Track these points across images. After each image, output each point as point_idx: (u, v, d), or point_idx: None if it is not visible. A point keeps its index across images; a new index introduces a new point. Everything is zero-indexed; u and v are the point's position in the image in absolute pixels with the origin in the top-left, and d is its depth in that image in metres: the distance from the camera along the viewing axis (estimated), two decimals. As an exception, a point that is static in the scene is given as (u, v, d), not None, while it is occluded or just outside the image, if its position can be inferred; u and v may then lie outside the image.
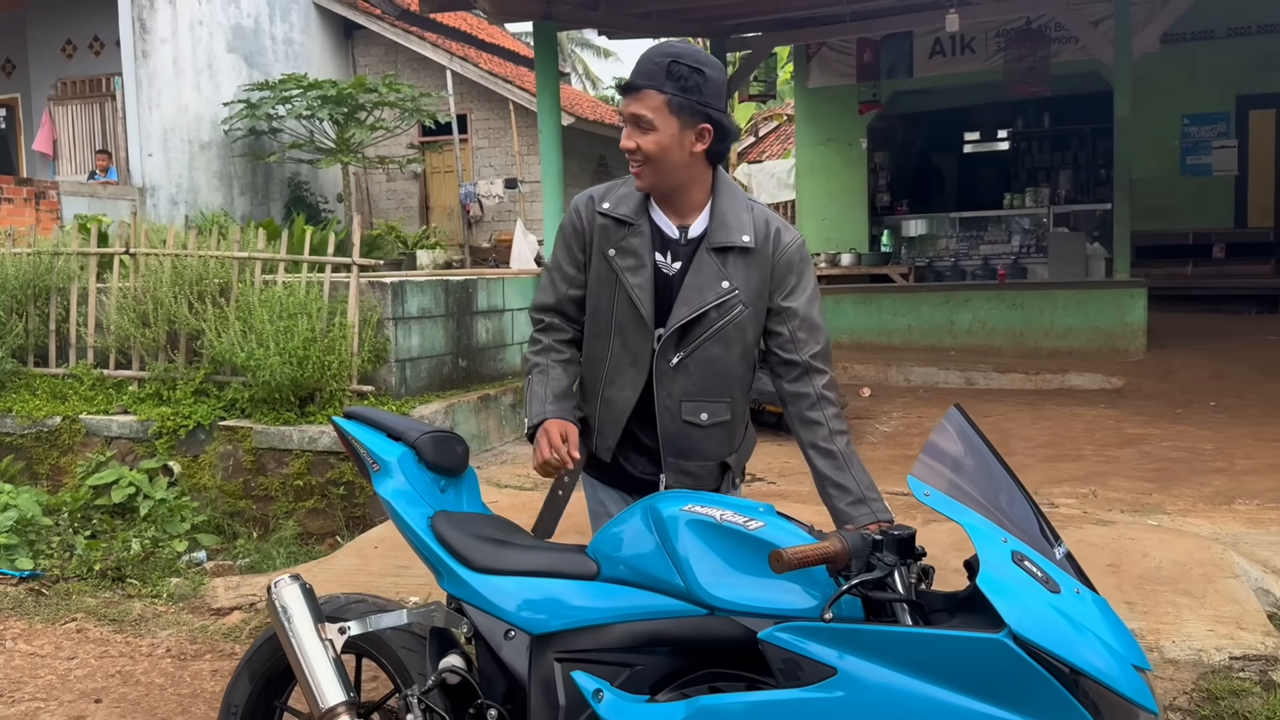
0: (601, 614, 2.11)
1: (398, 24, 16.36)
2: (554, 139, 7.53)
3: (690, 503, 2.09)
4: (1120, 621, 1.84)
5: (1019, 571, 1.73)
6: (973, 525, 1.79)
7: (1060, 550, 1.88)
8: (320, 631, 2.24)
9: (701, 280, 2.30)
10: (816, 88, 13.39)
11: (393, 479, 2.50)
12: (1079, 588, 1.78)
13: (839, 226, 13.45)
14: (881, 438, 7.15)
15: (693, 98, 2.21)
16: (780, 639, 1.81)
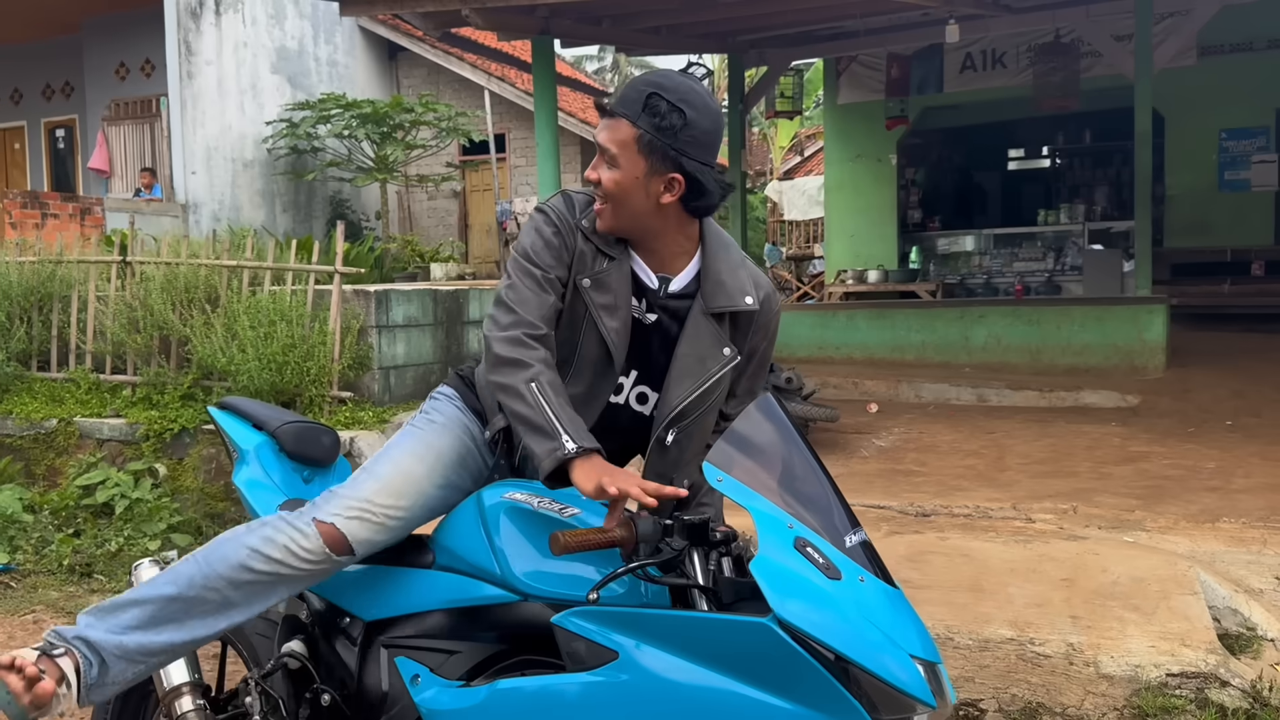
0: (428, 601, 2.14)
1: (438, 46, 16.65)
2: (551, 152, 7.61)
3: (512, 490, 2.10)
4: (911, 613, 1.82)
5: (798, 557, 1.73)
6: (758, 511, 1.78)
7: (855, 538, 1.86)
8: None
9: (702, 349, 2.09)
10: (846, 104, 13.34)
11: (247, 468, 2.52)
12: (864, 575, 1.77)
13: (867, 243, 13.34)
14: (875, 452, 7.06)
15: (666, 140, 1.96)
16: (569, 623, 1.83)
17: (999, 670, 3.64)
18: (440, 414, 2.24)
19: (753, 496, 1.80)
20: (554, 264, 2.06)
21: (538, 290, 2.05)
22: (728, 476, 1.82)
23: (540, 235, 2.09)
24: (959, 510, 5.48)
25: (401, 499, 2.11)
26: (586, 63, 39.26)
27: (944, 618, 3.96)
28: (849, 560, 1.77)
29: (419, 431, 2.22)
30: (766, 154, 22.69)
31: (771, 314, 2.21)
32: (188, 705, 2.28)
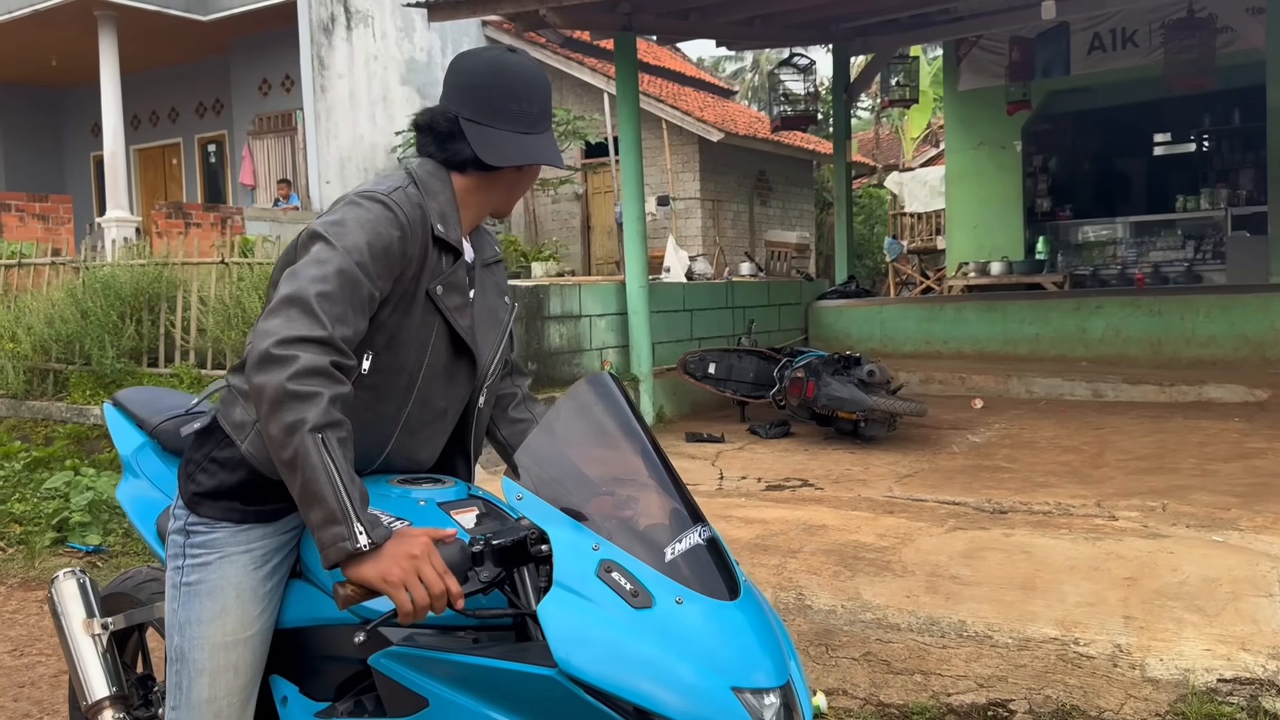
0: (295, 616, 1.94)
1: (560, 51, 16.92)
2: (632, 147, 7.62)
3: None
4: (752, 626, 1.57)
5: (599, 588, 1.51)
6: (558, 535, 1.56)
7: (687, 542, 1.59)
8: (87, 627, 2.33)
9: (491, 300, 2.00)
10: (967, 90, 12.89)
11: (128, 479, 2.36)
12: (682, 595, 1.53)
13: (991, 234, 12.84)
14: (966, 448, 6.79)
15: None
16: (381, 665, 1.67)
17: (1035, 670, 3.46)
18: (206, 549, 1.84)
19: (553, 517, 1.58)
20: (383, 277, 1.73)
21: (360, 310, 1.69)
22: (527, 494, 1.59)
23: (380, 237, 1.72)
24: (1038, 507, 5.22)
25: (239, 673, 1.84)
26: (726, 63, 39.25)
27: (987, 615, 3.79)
28: (666, 579, 1.54)
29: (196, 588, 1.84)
30: (898, 146, 22.14)
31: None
32: (109, 719, 2.30)
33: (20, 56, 16.81)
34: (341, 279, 1.66)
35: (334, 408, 1.58)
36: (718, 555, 1.63)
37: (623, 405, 1.72)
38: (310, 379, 1.56)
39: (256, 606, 1.84)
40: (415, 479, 1.90)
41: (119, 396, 2.50)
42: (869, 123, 25.94)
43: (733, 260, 15.03)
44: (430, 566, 1.54)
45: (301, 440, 1.54)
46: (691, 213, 16.52)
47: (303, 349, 1.58)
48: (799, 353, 7.51)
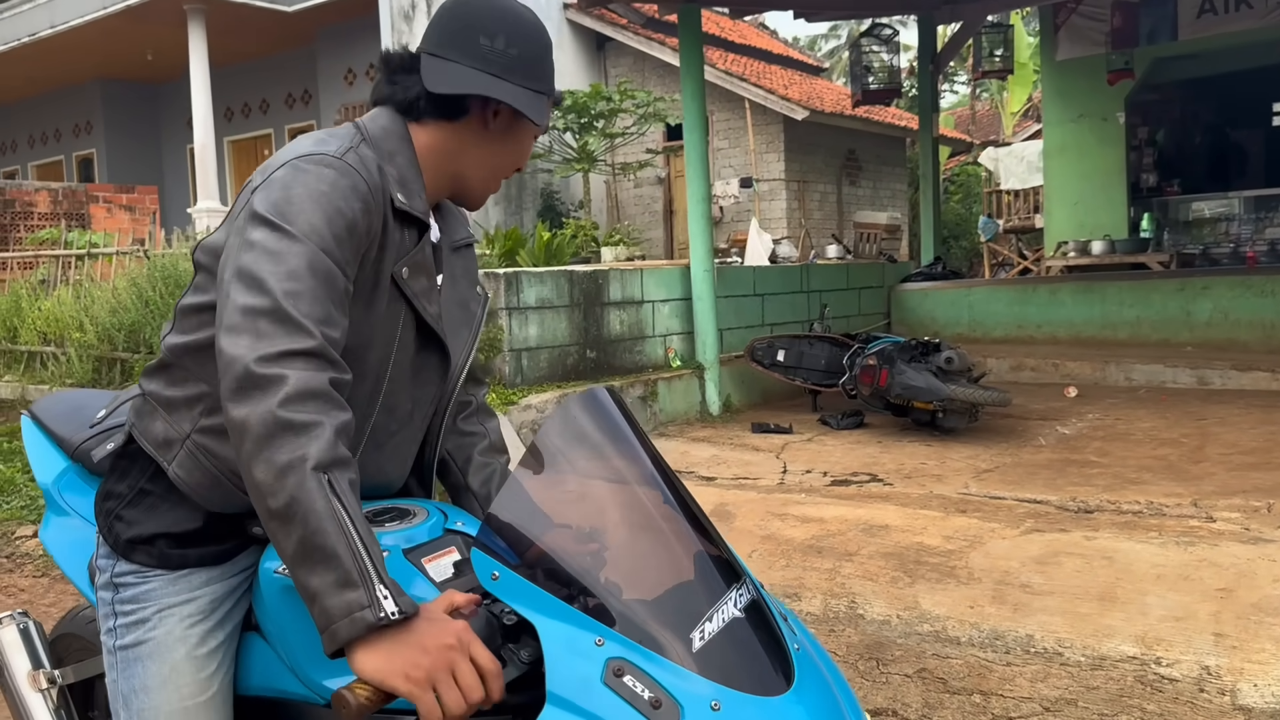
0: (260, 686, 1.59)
1: (642, 33, 16.65)
2: (697, 124, 7.31)
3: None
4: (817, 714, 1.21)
5: (609, 699, 1.15)
6: (551, 633, 1.19)
7: (720, 619, 1.22)
8: (33, 682, 2.05)
9: (462, 291, 1.68)
10: (1065, 60, 12.19)
11: (50, 520, 1.99)
12: (719, 699, 1.15)
13: (1092, 211, 12.14)
14: (1055, 440, 6.34)
15: None
16: None
17: (1109, 693, 3.09)
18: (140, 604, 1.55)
19: (542, 603, 1.19)
20: (350, 264, 1.40)
21: (341, 308, 1.36)
22: (506, 572, 1.20)
23: (341, 213, 1.38)
24: (1127, 506, 4.79)
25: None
26: (821, 42, 38.42)
27: (1058, 629, 3.44)
28: (696, 677, 1.16)
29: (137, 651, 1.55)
30: (997, 121, 21.27)
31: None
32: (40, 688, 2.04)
33: (118, 53, 17.29)
34: (313, 274, 1.31)
35: (340, 440, 1.25)
36: (762, 627, 1.25)
37: (627, 432, 1.34)
38: (306, 404, 1.23)
39: (211, 664, 1.53)
40: (377, 514, 1.49)
41: (36, 408, 2.07)
42: (966, 98, 25.03)
43: (819, 243, 14.58)
44: (467, 663, 1.17)
45: (301, 483, 1.19)
46: (776, 194, 16.10)
47: (291, 366, 1.24)
48: (874, 339, 7.12)
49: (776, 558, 4.21)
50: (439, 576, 1.38)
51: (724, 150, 16.58)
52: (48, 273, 8.53)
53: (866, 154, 17.95)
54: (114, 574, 1.56)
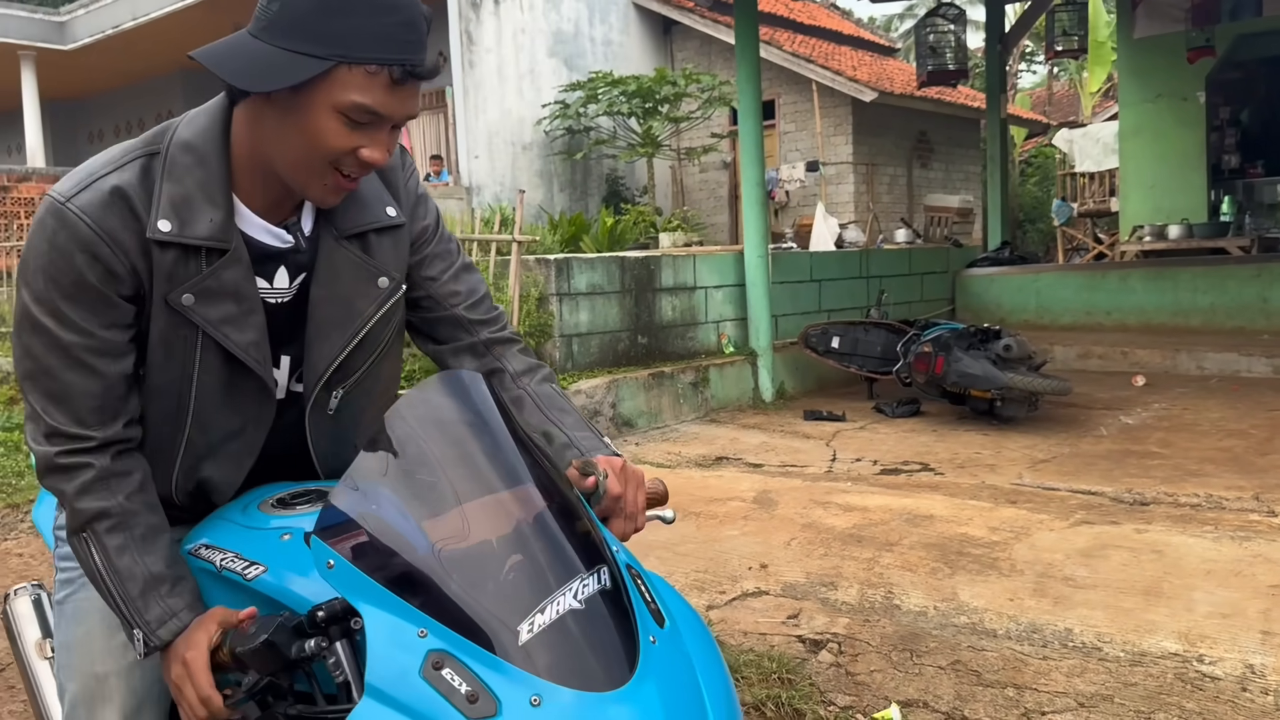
0: None
1: (708, 15, 16.55)
2: (752, 111, 7.25)
3: (203, 538, 1.53)
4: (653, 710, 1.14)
5: (425, 691, 1.12)
6: (373, 621, 1.17)
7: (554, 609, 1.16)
8: (40, 650, 2.12)
9: (344, 288, 1.51)
10: (1143, 38, 11.81)
11: (42, 498, 2.04)
12: (539, 694, 1.11)
13: (1169, 194, 11.76)
14: (1117, 430, 6.18)
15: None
16: None
17: (1147, 690, 3.02)
18: (70, 563, 1.60)
19: (369, 592, 1.18)
20: (106, 310, 1.37)
21: (87, 374, 1.38)
22: (340, 560, 1.20)
23: (63, 271, 1.34)
24: (1185, 499, 4.66)
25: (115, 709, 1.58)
26: (897, 22, 37.74)
27: (1098, 623, 3.36)
28: (517, 671, 1.12)
29: (64, 609, 1.62)
30: (1076, 102, 20.69)
31: (413, 185, 1.58)
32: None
33: (197, 44, 17.69)
34: (61, 360, 1.37)
35: (94, 495, 1.39)
36: (611, 615, 1.19)
37: (492, 412, 1.31)
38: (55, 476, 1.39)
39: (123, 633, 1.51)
40: (296, 497, 1.51)
41: None
42: (1045, 79, 24.40)
43: (887, 227, 14.38)
44: (190, 688, 1.30)
45: (73, 546, 1.41)
46: (843, 178, 15.90)
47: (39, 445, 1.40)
48: (931, 325, 7.01)
49: (815, 546, 4.19)
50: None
51: (790, 133, 16.41)
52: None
53: (939, 135, 17.62)
54: (56, 526, 1.64)
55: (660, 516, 1.48)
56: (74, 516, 1.40)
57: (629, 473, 1.43)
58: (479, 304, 1.63)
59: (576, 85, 15.12)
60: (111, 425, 1.41)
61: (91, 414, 1.40)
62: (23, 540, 5.21)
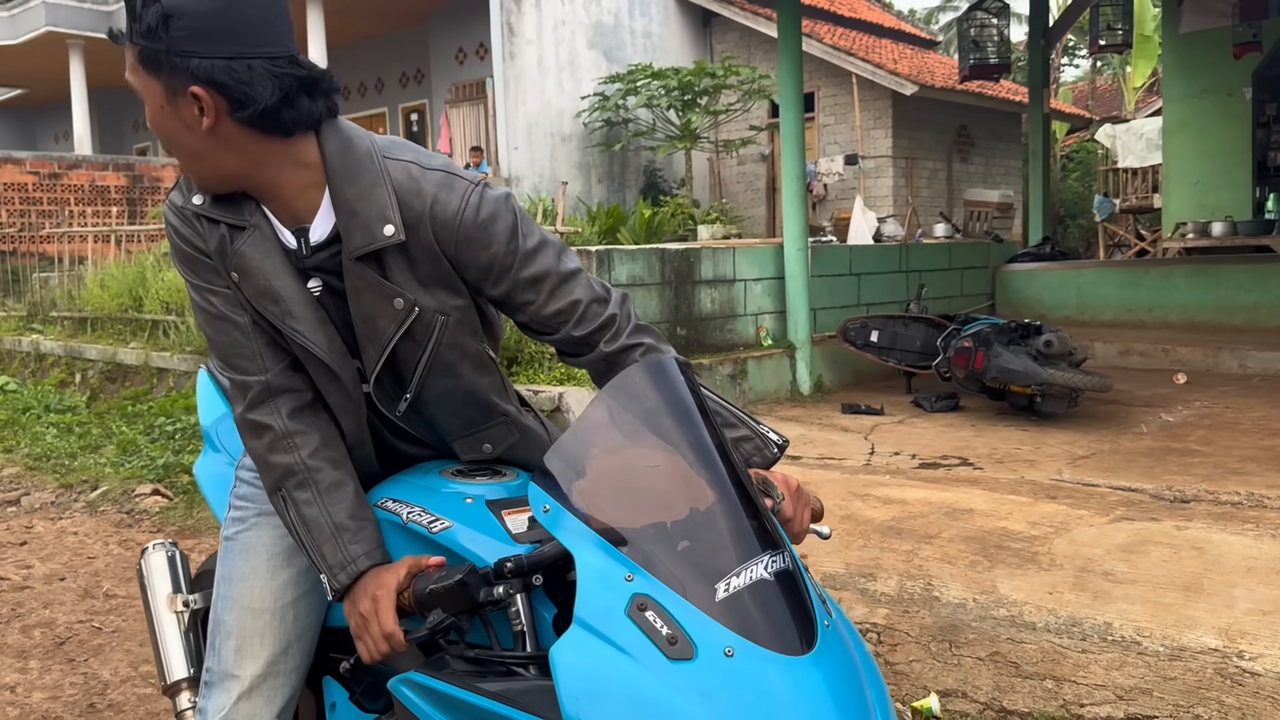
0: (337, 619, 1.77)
1: (748, 8, 16.55)
2: (794, 103, 7.26)
3: (387, 494, 1.70)
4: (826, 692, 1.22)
5: (628, 629, 1.23)
6: (584, 562, 1.29)
7: (746, 577, 1.27)
8: (170, 604, 2.25)
9: (369, 307, 1.56)
10: (1189, 33, 11.67)
11: (206, 455, 2.25)
12: (732, 645, 1.21)
13: (1214, 191, 11.64)
14: (1157, 427, 6.16)
15: (159, 46, 1.40)
16: (400, 692, 1.48)
17: (1187, 685, 3.03)
18: (246, 503, 1.79)
19: (581, 536, 1.29)
20: (212, 276, 1.58)
21: (226, 327, 1.58)
22: (555, 505, 1.32)
23: (176, 251, 1.59)
24: (1225, 497, 4.65)
25: (265, 644, 1.70)
26: (939, 14, 37.44)
27: (1138, 618, 3.37)
28: (714, 623, 1.23)
29: (233, 544, 1.77)
30: (1119, 97, 20.45)
31: (459, 219, 1.52)
32: (185, 702, 2.20)
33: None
34: (207, 326, 1.63)
35: (280, 452, 1.59)
36: (791, 593, 1.30)
37: (686, 399, 1.40)
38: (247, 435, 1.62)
39: (287, 572, 1.72)
40: (474, 469, 1.71)
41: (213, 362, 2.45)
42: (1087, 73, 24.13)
43: (926, 221, 14.33)
44: (375, 624, 1.47)
45: (274, 504, 1.62)
46: (883, 171, 15.85)
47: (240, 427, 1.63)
48: (972, 320, 7.00)
49: (854, 538, 4.22)
50: (516, 530, 1.53)
51: (829, 126, 16.38)
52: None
53: (979, 130, 17.51)
54: (239, 466, 1.84)
55: (818, 531, 1.56)
56: (268, 474, 1.60)
57: (801, 495, 1.52)
58: (585, 316, 1.59)
59: (616, 77, 15.18)
60: (269, 369, 1.59)
61: (247, 360, 1.59)
62: (77, 519, 5.36)
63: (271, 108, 1.43)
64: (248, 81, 1.41)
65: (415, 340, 1.59)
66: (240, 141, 1.47)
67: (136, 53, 1.43)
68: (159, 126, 1.49)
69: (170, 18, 1.38)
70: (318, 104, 1.50)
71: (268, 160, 1.50)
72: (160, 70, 1.42)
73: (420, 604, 1.44)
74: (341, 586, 1.53)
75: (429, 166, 1.54)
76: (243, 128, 1.45)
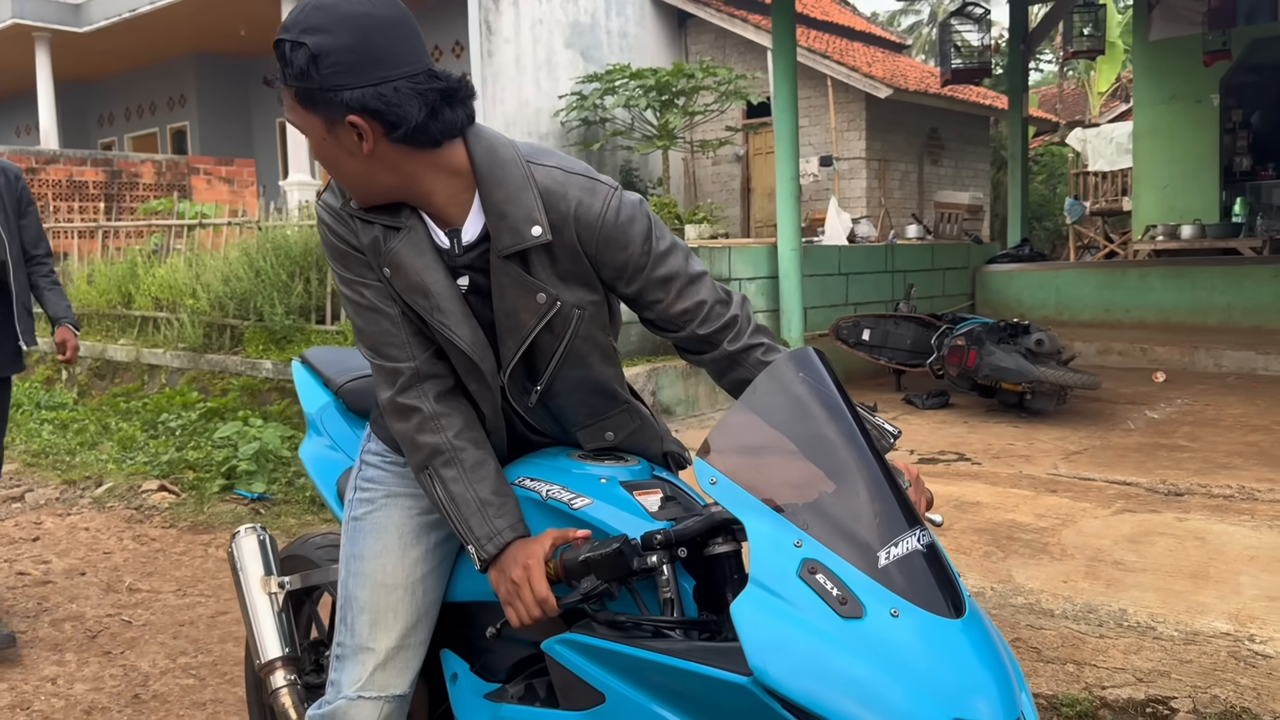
0: (469, 590, 1.90)
1: (724, 9, 16.69)
2: (788, 105, 7.40)
3: (525, 473, 1.80)
4: (975, 650, 1.35)
5: (801, 590, 1.33)
6: (755, 526, 1.39)
7: (903, 547, 1.38)
8: (264, 585, 2.34)
9: (512, 302, 1.67)
10: (1159, 40, 11.97)
11: (312, 439, 2.36)
12: (898, 607, 1.33)
13: (1183, 195, 11.94)
14: (1143, 424, 6.35)
15: (311, 85, 1.52)
16: (556, 653, 1.58)
17: (1203, 667, 3.18)
18: (374, 485, 1.89)
19: (750, 505, 1.40)
20: (364, 271, 1.70)
21: (377, 318, 1.70)
22: (722, 478, 1.43)
23: (330, 247, 1.73)
24: (1218, 490, 4.82)
25: (398, 618, 1.82)
26: (901, 18, 37.91)
27: (1151, 605, 3.52)
28: (879, 587, 1.34)
29: (362, 524, 1.87)
30: (1084, 101, 20.86)
31: (600, 221, 1.63)
32: (280, 680, 2.28)
33: (211, 28, 17.75)
34: (345, 303, 1.77)
35: (428, 432, 1.70)
36: (937, 565, 1.40)
37: (831, 388, 1.51)
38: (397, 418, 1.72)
39: (417, 549, 1.84)
40: (599, 454, 1.82)
41: (307, 354, 2.52)
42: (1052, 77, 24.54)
43: (898, 222, 14.52)
44: (527, 590, 1.57)
45: (420, 481, 1.74)
46: (856, 173, 16.05)
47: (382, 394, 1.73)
48: (961, 319, 7.17)
49: (870, 529, 4.34)
50: (650, 508, 1.65)
51: (804, 128, 16.49)
52: (160, 241, 8.94)
53: (949, 133, 17.78)
54: (363, 451, 1.93)
55: (931, 519, 1.65)
56: (416, 453, 1.71)
57: (919, 483, 1.63)
58: (709, 316, 1.70)
59: (594, 76, 15.23)
60: (417, 357, 1.71)
61: (397, 349, 1.70)
62: (85, 515, 5.35)
63: (421, 123, 1.54)
64: (397, 103, 1.52)
65: (553, 333, 1.69)
66: (396, 159, 1.59)
67: (293, 94, 1.56)
68: (322, 156, 1.62)
69: (318, 57, 1.50)
70: (459, 112, 1.60)
71: (421, 172, 1.62)
72: (317, 106, 1.55)
73: (569, 572, 1.54)
74: (489, 557, 1.64)
75: (572, 171, 1.66)
76: (397, 146, 1.57)
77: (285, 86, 1.55)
